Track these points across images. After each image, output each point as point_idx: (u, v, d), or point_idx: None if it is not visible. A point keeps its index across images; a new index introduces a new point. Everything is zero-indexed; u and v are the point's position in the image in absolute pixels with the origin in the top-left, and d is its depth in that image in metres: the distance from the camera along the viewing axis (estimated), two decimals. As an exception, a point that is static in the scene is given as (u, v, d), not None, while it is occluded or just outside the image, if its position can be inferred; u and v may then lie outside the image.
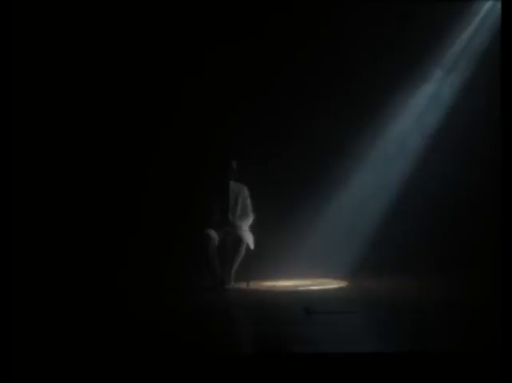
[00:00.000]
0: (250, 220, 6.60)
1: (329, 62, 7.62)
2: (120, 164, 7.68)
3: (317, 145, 7.70)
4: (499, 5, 6.75)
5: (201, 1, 7.49)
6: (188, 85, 7.63)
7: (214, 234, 6.45)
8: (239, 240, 6.40)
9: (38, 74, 7.48)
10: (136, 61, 7.62)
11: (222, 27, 7.53)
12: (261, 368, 3.31)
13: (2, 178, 4.66)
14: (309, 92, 7.71)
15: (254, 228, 6.62)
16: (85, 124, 7.63)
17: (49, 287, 6.40)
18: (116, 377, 3.30)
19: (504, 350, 3.40)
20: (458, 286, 6.46)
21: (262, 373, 3.30)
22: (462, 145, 7.55)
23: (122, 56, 7.62)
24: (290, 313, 5.00)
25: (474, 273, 6.84)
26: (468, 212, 7.48)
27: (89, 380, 3.29)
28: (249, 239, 6.50)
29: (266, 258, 6.78)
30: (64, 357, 3.49)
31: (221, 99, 7.63)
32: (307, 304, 4.90)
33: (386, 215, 7.66)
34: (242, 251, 6.41)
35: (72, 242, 7.44)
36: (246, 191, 6.67)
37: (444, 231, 7.51)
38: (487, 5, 7.62)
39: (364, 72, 7.56)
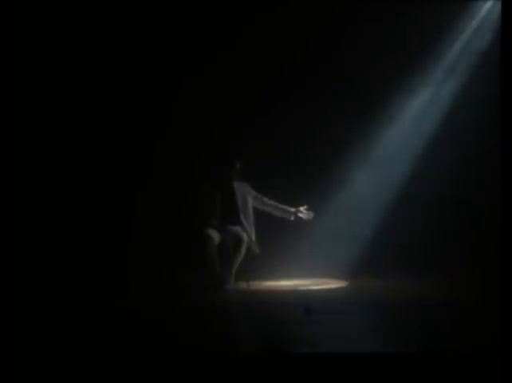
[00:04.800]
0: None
1: (329, 62, 7.61)
2: (120, 164, 7.67)
3: (316, 145, 7.69)
4: (499, 5, 6.74)
5: (200, 0, 7.49)
6: (189, 84, 7.62)
7: (214, 234, 6.45)
8: (239, 240, 6.40)
9: (38, 74, 7.47)
10: (136, 61, 7.61)
11: (222, 25, 7.52)
12: (262, 368, 3.31)
13: (2, 178, 4.66)
14: (308, 92, 7.70)
15: (254, 228, 6.64)
16: (85, 122, 7.62)
17: (48, 288, 6.39)
18: (116, 377, 3.30)
19: (504, 350, 3.41)
20: (458, 285, 6.46)
21: (262, 373, 3.30)
22: (462, 145, 7.55)
23: (121, 55, 7.60)
24: (290, 313, 5.00)
25: (474, 273, 6.84)
26: (468, 212, 7.48)
27: (89, 380, 3.29)
28: (252, 244, 6.51)
29: (266, 258, 6.77)
30: (65, 357, 3.49)
31: (220, 98, 7.62)
32: (307, 304, 4.90)
33: (386, 215, 7.64)
34: (243, 251, 6.40)
35: (71, 241, 7.43)
36: (251, 189, 6.67)
37: (444, 231, 7.50)
38: (487, 5, 7.61)
39: (364, 71, 7.55)
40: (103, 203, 7.63)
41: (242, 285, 6.52)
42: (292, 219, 6.73)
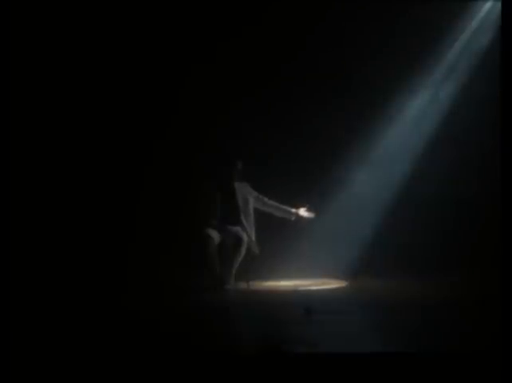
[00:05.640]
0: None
1: (330, 61, 7.61)
2: (120, 164, 7.67)
3: (317, 144, 7.69)
4: (499, 6, 6.74)
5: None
6: (188, 84, 7.62)
7: (214, 234, 6.44)
8: (239, 240, 6.39)
9: (38, 74, 7.47)
10: (136, 61, 7.60)
11: (221, 25, 7.51)
12: (262, 368, 3.31)
13: (2, 178, 4.66)
14: (308, 91, 7.70)
15: (255, 228, 6.64)
16: (85, 123, 7.61)
17: (47, 287, 6.38)
18: (115, 377, 3.30)
19: (504, 350, 3.41)
20: (458, 285, 6.46)
21: (262, 373, 3.30)
22: (462, 145, 7.55)
23: (121, 55, 7.60)
24: (290, 313, 5.00)
25: (474, 273, 6.84)
26: (468, 212, 7.48)
27: (89, 380, 3.29)
28: (252, 245, 6.51)
29: (266, 258, 6.77)
30: (64, 358, 3.49)
31: (220, 97, 7.61)
32: (307, 304, 4.90)
33: (386, 215, 7.64)
34: (243, 251, 6.40)
35: (71, 241, 7.43)
36: (252, 190, 6.67)
37: (444, 231, 7.50)
38: (487, 5, 7.61)
39: (364, 71, 7.55)
40: (103, 202, 7.62)
41: (242, 285, 6.52)
42: (293, 219, 6.73)
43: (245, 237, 6.43)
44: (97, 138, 7.63)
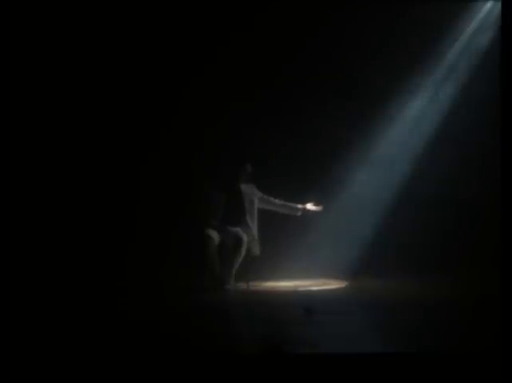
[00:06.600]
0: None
1: (330, 61, 7.62)
2: (122, 164, 7.67)
3: (317, 144, 7.69)
4: (499, 6, 6.74)
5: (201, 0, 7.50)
6: (190, 84, 7.63)
7: (214, 234, 6.45)
8: (239, 240, 6.39)
9: (38, 74, 7.47)
10: (139, 61, 7.61)
11: (223, 25, 7.52)
12: (262, 368, 3.32)
13: (2, 178, 4.66)
14: (308, 91, 7.70)
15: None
16: (87, 123, 7.61)
17: (47, 288, 6.38)
18: (115, 377, 3.31)
19: (504, 350, 3.41)
20: (458, 285, 6.46)
21: (262, 373, 3.30)
22: (462, 145, 7.55)
23: (122, 56, 7.60)
24: (290, 313, 5.00)
25: (474, 273, 6.84)
26: (468, 212, 7.48)
27: (89, 380, 3.29)
28: (255, 245, 6.52)
29: (266, 258, 6.77)
30: (64, 358, 3.50)
31: (220, 98, 7.62)
32: (307, 304, 4.90)
33: (386, 215, 7.64)
34: (243, 252, 6.40)
35: (71, 241, 7.43)
36: (257, 191, 6.68)
37: (444, 231, 7.50)
38: (487, 5, 7.61)
39: (364, 72, 7.55)
40: (103, 202, 7.63)
41: (242, 285, 6.52)
42: (299, 214, 6.76)
43: (245, 237, 6.43)
44: (99, 138, 7.63)
